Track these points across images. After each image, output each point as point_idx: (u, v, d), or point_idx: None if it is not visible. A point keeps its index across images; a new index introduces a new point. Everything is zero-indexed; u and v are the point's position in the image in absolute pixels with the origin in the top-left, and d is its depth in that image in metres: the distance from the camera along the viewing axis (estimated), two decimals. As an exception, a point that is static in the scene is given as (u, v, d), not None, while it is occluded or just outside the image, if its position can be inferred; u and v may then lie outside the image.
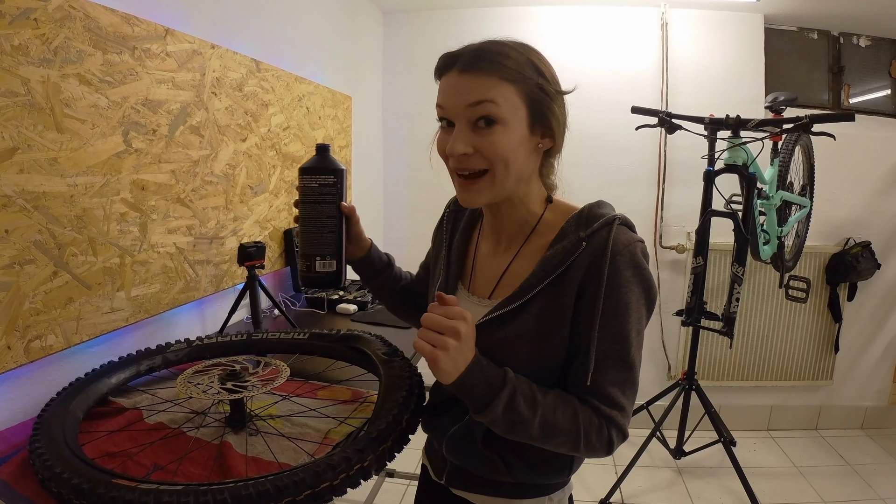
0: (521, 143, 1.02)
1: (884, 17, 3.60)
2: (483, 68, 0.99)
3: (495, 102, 0.98)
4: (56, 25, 1.35)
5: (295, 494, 0.96)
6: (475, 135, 1.01)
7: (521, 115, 1.01)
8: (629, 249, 1.01)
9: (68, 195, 1.41)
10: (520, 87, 1.00)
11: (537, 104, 1.02)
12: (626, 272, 1.00)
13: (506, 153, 1.00)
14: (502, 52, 1.00)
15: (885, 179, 3.85)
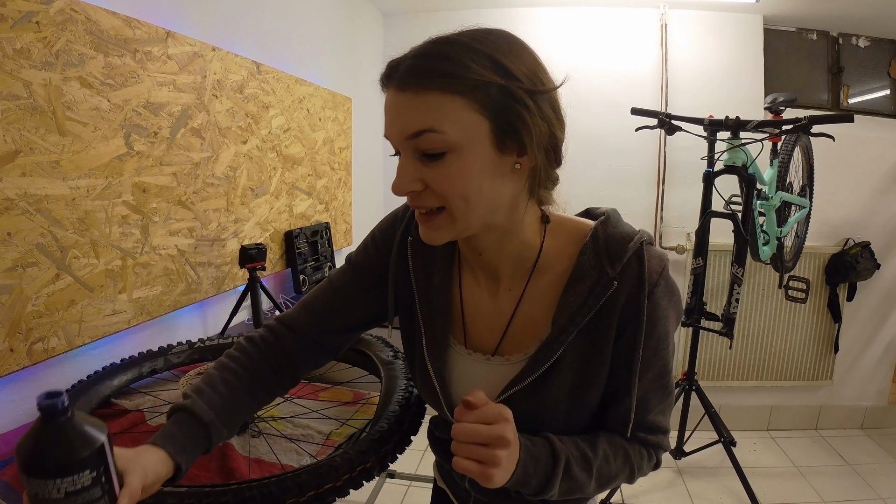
0: (485, 170, 0.80)
1: (883, 17, 3.60)
2: (423, 83, 0.77)
3: (438, 130, 0.77)
4: (58, 28, 1.35)
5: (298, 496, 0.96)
6: (424, 167, 0.80)
7: (482, 134, 0.78)
8: (664, 277, 0.89)
9: (70, 198, 1.42)
10: (477, 98, 0.77)
11: (505, 115, 0.78)
12: (663, 302, 0.89)
13: (462, 187, 0.80)
14: (448, 54, 0.78)
15: (885, 180, 3.85)
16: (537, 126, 0.79)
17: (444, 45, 0.79)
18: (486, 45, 0.79)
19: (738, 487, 3.04)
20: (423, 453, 3.57)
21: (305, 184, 2.76)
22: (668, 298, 0.90)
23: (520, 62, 0.80)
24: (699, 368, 3.79)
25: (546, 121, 0.81)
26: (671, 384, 0.96)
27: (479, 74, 0.76)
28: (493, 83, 0.76)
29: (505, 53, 0.79)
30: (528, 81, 0.79)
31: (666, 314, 0.90)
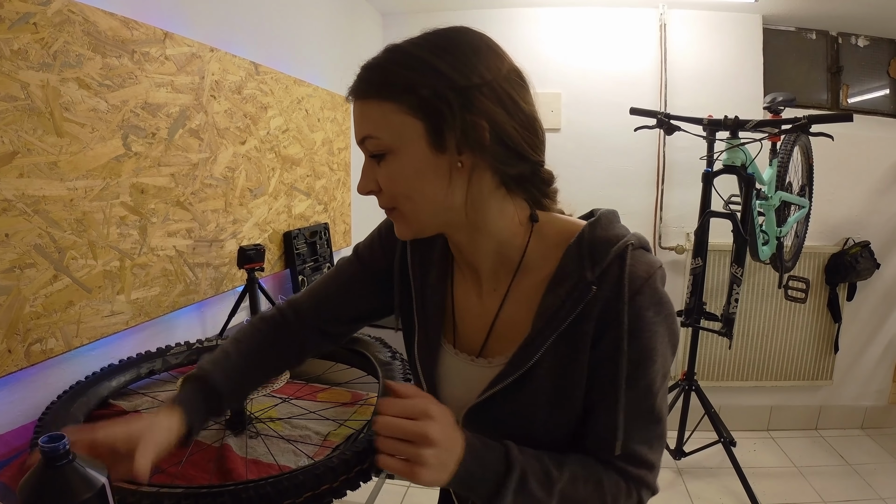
0: (424, 170, 0.82)
1: (882, 17, 3.60)
2: (362, 94, 0.84)
3: (374, 136, 0.82)
4: (55, 29, 1.35)
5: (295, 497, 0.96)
6: (377, 168, 0.85)
7: (416, 136, 0.80)
8: (649, 285, 0.83)
9: (68, 199, 1.42)
10: (407, 102, 0.79)
11: (435, 115, 0.79)
12: (648, 313, 0.82)
13: (401, 187, 0.84)
14: (382, 63, 0.83)
15: (884, 179, 3.85)
16: (470, 124, 0.79)
17: (384, 54, 0.83)
18: (421, 47, 0.81)
19: (738, 488, 3.04)
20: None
21: (304, 184, 2.76)
22: (654, 309, 0.83)
23: (454, 60, 0.79)
24: (699, 368, 3.79)
25: (486, 115, 0.79)
26: (659, 412, 0.87)
27: (408, 79, 0.79)
28: (425, 85, 0.78)
29: (438, 54, 0.80)
30: (460, 78, 0.78)
31: (652, 327, 0.83)
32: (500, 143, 0.81)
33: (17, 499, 0.66)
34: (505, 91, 0.81)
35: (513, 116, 0.81)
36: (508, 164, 0.83)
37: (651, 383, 0.84)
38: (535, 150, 0.85)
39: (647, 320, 0.82)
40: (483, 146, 0.80)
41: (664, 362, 0.85)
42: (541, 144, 0.87)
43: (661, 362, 0.84)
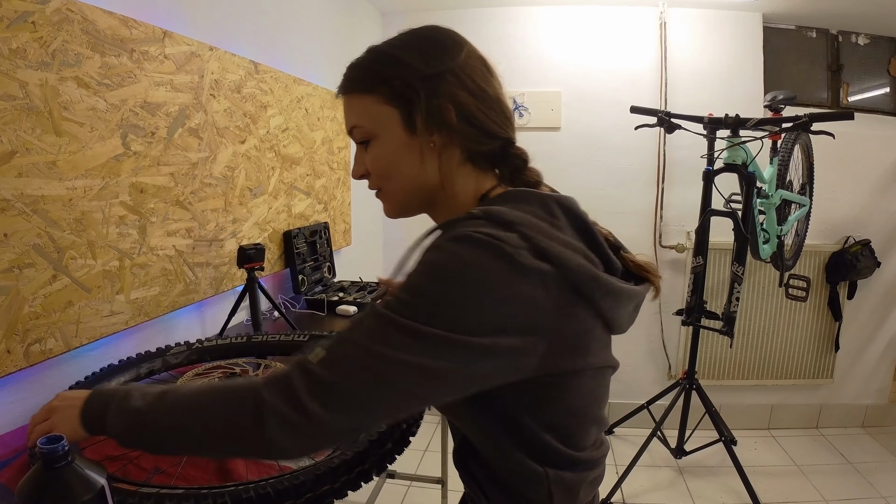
0: (399, 151, 0.91)
1: (882, 15, 3.60)
2: (345, 87, 0.95)
3: (359, 125, 0.93)
4: (54, 28, 1.34)
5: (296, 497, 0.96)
6: (364, 155, 0.95)
7: (393, 122, 0.90)
8: (452, 238, 0.78)
9: (67, 198, 1.41)
10: (382, 92, 0.90)
11: (407, 102, 0.89)
12: (428, 254, 0.79)
13: (383, 168, 0.93)
14: (360, 63, 0.94)
15: (885, 178, 3.84)
16: (436, 107, 0.88)
17: (365, 54, 0.95)
18: (394, 45, 0.93)
19: (739, 486, 3.04)
20: (423, 453, 3.57)
21: (304, 184, 2.76)
22: (433, 252, 0.79)
23: (420, 53, 0.91)
24: (699, 367, 3.79)
25: (451, 98, 0.88)
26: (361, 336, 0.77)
27: (380, 73, 0.91)
28: (395, 77, 0.89)
29: (407, 49, 0.92)
30: (424, 67, 0.89)
31: (419, 266, 0.79)
32: (466, 122, 0.89)
33: (16, 500, 0.66)
34: (468, 76, 0.90)
35: (476, 98, 0.90)
36: (477, 141, 0.91)
37: (383, 314, 0.76)
38: (501, 127, 0.93)
39: (425, 258, 0.79)
40: (450, 126, 0.89)
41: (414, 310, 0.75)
42: (507, 122, 0.95)
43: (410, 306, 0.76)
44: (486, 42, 3.39)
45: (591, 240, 0.88)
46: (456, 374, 0.75)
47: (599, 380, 0.91)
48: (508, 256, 0.75)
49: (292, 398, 0.74)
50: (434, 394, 0.78)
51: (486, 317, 0.74)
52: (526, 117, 3.81)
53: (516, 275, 0.75)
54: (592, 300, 0.81)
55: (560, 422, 0.88)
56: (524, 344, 0.77)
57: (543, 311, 0.77)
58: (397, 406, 0.78)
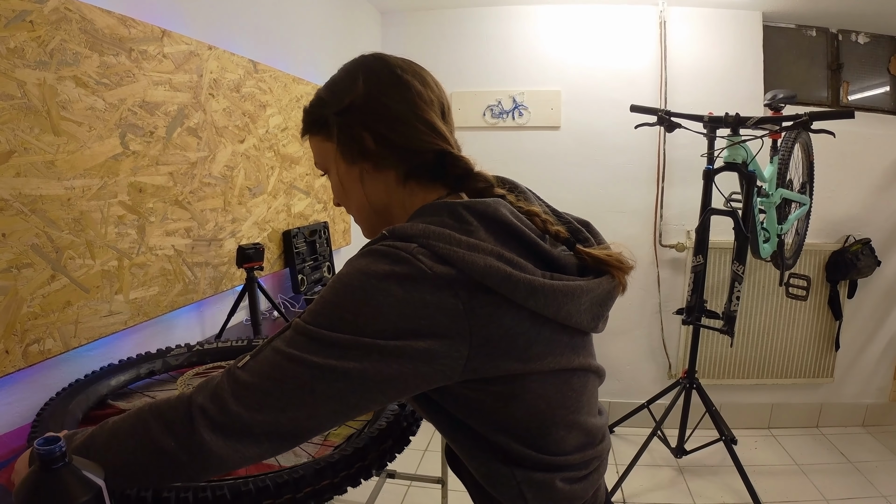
0: (345, 181, 1.00)
1: (882, 13, 3.59)
2: (302, 132, 1.04)
3: (316, 161, 1.04)
4: (52, 28, 1.34)
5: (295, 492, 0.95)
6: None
7: (334, 155, 0.98)
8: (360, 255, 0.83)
9: (65, 198, 1.41)
10: (321, 132, 0.99)
11: (335, 135, 0.97)
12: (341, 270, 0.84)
13: (338, 196, 1.04)
14: (305, 108, 1.02)
15: (885, 176, 3.84)
16: (351, 137, 0.94)
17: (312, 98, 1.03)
18: (326, 84, 1.01)
19: (740, 485, 3.04)
20: (423, 453, 3.57)
21: (303, 183, 2.76)
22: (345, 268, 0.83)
23: (333, 89, 0.98)
24: (700, 366, 3.79)
25: (363, 126, 0.93)
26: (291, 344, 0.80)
27: (314, 114, 1.00)
28: (324, 116, 0.97)
29: (326, 88, 1.00)
30: (337, 103, 0.95)
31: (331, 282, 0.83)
32: (384, 145, 0.94)
33: (14, 502, 0.66)
34: (375, 100, 0.94)
35: (387, 120, 0.93)
36: (404, 159, 0.95)
37: (295, 325, 0.82)
38: (426, 141, 0.94)
39: (336, 274, 0.84)
40: (371, 151, 0.94)
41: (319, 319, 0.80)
42: (434, 134, 0.94)
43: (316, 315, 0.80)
44: (486, 41, 3.40)
45: (519, 240, 0.87)
46: (366, 376, 0.77)
47: (564, 384, 0.91)
48: (406, 262, 0.78)
49: (217, 399, 0.77)
50: (350, 397, 0.79)
51: (389, 321, 0.77)
52: (525, 116, 3.81)
53: (416, 280, 0.77)
54: (515, 300, 0.81)
55: (514, 424, 0.88)
56: (440, 347, 0.78)
57: (454, 314, 0.78)
58: (318, 409, 0.79)
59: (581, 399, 0.94)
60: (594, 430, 0.97)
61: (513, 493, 0.90)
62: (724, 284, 3.72)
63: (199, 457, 0.76)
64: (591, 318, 0.91)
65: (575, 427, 0.93)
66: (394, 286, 0.77)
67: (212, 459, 0.76)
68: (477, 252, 0.80)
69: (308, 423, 0.79)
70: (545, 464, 0.90)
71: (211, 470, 0.78)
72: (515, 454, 0.89)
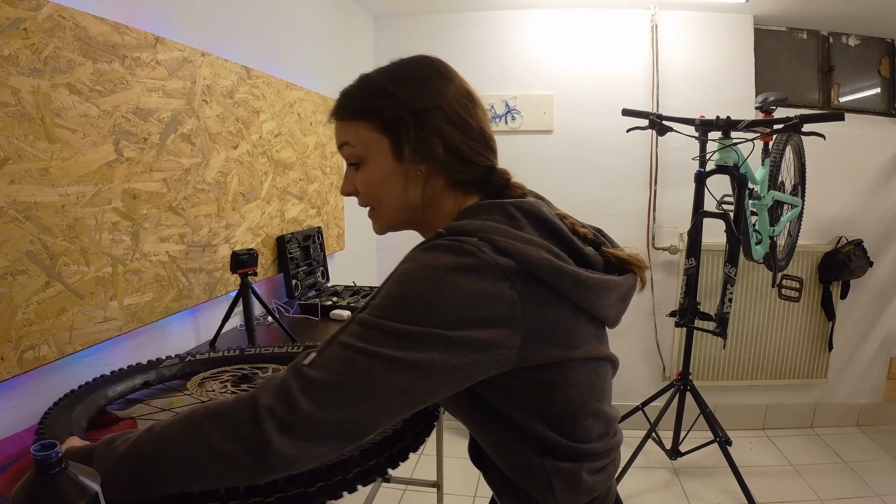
0: (388, 176, 0.99)
1: (872, 16, 3.61)
2: (339, 113, 1.02)
3: (350, 144, 1.00)
4: (46, 35, 1.35)
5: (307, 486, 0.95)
6: (355, 174, 1.03)
7: (383, 148, 0.97)
8: (422, 249, 0.88)
9: (60, 205, 1.41)
10: (373, 121, 0.97)
11: (397, 132, 0.96)
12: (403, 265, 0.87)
13: (371, 190, 1.02)
14: (354, 92, 1.01)
15: (876, 177, 3.86)
16: (423, 139, 0.95)
17: (358, 82, 1.02)
18: (386, 77, 1.00)
19: (735, 487, 3.05)
20: (418, 457, 3.57)
21: (297, 188, 2.76)
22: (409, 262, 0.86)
23: (411, 87, 0.97)
24: (694, 368, 3.80)
25: (436, 133, 0.96)
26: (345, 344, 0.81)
27: (374, 103, 0.97)
28: (387, 108, 0.96)
29: (397, 82, 0.98)
30: (414, 102, 0.96)
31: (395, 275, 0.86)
32: (451, 154, 0.97)
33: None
34: (454, 111, 0.97)
35: (461, 132, 0.97)
36: (461, 171, 0.99)
37: (361, 319, 0.83)
38: (484, 156, 1.00)
39: (397, 269, 0.87)
40: (437, 157, 0.96)
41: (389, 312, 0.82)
42: (489, 151, 1.02)
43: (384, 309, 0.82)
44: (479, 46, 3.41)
45: (559, 237, 0.94)
46: (434, 367, 0.79)
47: (592, 373, 0.96)
48: (471, 254, 0.82)
49: (286, 398, 0.76)
50: (417, 390, 0.81)
51: (457, 312, 0.80)
52: (518, 120, 3.82)
53: (479, 271, 0.82)
54: (561, 291, 0.87)
55: (551, 412, 0.93)
56: (499, 336, 0.82)
57: (511, 304, 0.83)
58: (387, 403, 0.80)
59: (604, 388, 1.01)
60: (612, 420, 1.04)
61: (542, 485, 0.94)
62: (717, 286, 3.73)
63: (265, 461, 0.76)
64: (616, 312, 0.99)
65: (599, 416, 0.99)
66: (460, 277, 0.81)
67: (278, 463, 0.76)
68: (530, 245, 0.86)
69: (377, 417, 0.81)
70: (573, 452, 0.95)
71: (275, 473, 0.79)
72: (548, 443, 0.93)
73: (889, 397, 4.13)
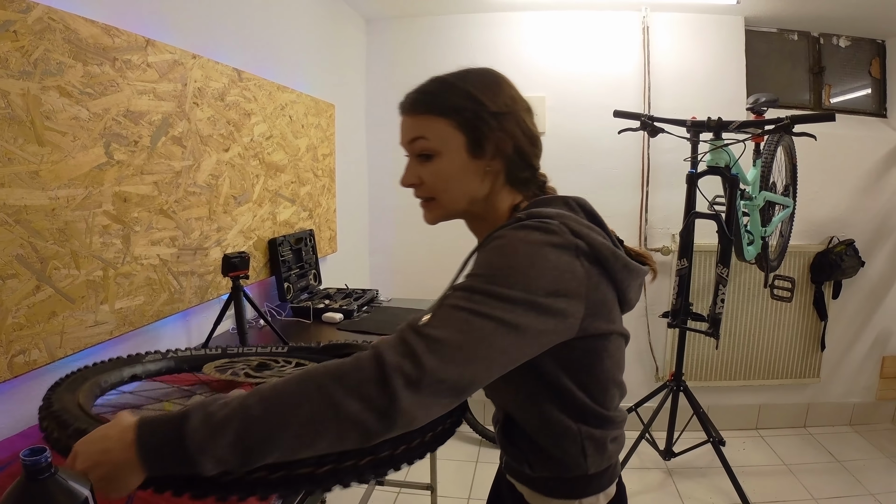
0: (462, 170, 1.08)
1: (863, 17, 3.63)
2: (417, 109, 1.09)
3: (426, 138, 1.07)
4: (36, 37, 1.34)
5: (393, 449, 0.97)
6: (421, 167, 1.10)
7: (457, 145, 1.06)
8: (516, 224, 0.98)
9: (50, 208, 1.40)
10: (453, 119, 1.06)
11: (475, 131, 1.05)
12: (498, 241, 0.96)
13: (443, 182, 1.09)
14: (433, 90, 1.09)
15: (867, 178, 3.88)
16: (500, 139, 1.06)
17: (433, 82, 1.11)
18: (464, 80, 1.09)
19: (729, 487, 3.05)
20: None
21: (289, 191, 2.76)
22: (506, 237, 0.96)
23: (490, 92, 1.08)
24: (686, 369, 3.81)
25: (509, 135, 1.07)
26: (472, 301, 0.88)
27: (454, 102, 1.06)
28: (467, 109, 1.05)
29: (477, 87, 1.08)
30: (493, 106, 1.06)
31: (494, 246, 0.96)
32: (517, 154, 1.09)
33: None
34: (520, 116, 1.10)
35: (526, 136, 1.10)
36: (520, 169, 1.11)
37: (467, 285, 0.92)
38: (537, 159, 1.14)
39: (492, 241, 0.98)
40: (508, 156, 1.08)
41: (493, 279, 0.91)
42: (540, 154, 1.15)
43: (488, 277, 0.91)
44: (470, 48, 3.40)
45: (603, 228, 1.09)
46: (530, 330, 0.89)
47: (619, 347, 1.09)
48: (556, 233, 0.95)
49: (412, 356, 0.82)
50: (515, 351, 0.90)
51: (546, 281, 0.91)
52: (511, 122, 3.81)
53: (561, 248, 0.94)
54: (613, 272, 1.01)
55: (590, 382, 1.05)
56: (571, 307, 0.94)
57: (581, 280, 0.95)
58: (493, 362, 0.88)
59: (623, 360, 1.12)
60: (625, 392, 1.15)
61: (576, 451, 1.06)
62: (710, 287, 3.74)
63: (390, 417, 0.80)
64: (636, 297, 1.13)
65: (620, 386, 1.12)
66: (549, 251, 0.93)
67: (402, 420, 0.81)
68: (592, 231, 1.00)
69: (482, 376, 0.88)
70: (602, 420, 1.07)
71: (395, 430, 0.82)
72: (586, 411, 1.05)
73: (882, 396, 4.14)
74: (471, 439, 3.82)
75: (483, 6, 3.74)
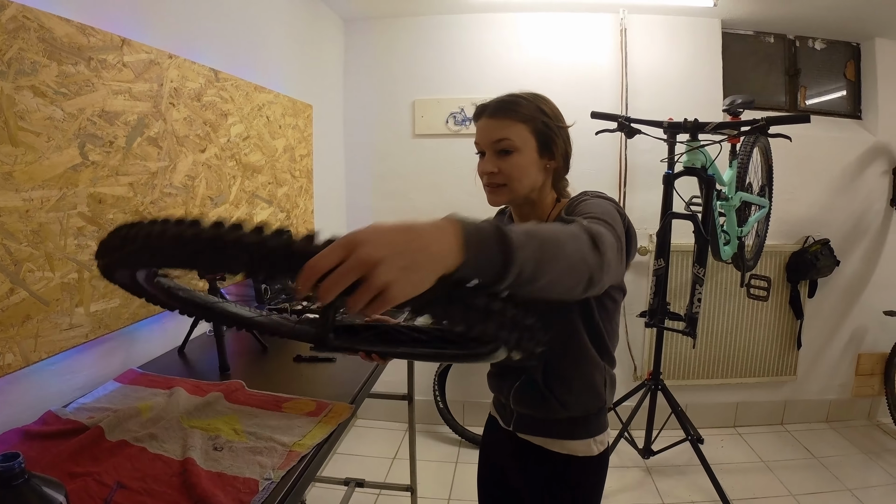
0: (531, 165, 1.42)
1: (838, 20, 3.68)
2: (503, 114, 1.42)
3: (510, 138, 1.40)
4: (9, 37, 1.32)
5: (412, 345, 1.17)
6: (499, 160, 1.42)
7: (531, 146, 1.42)
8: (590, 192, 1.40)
9: (24, 210, 1.39)
10: (530, 126, 1.41)
11: (543, 137, 1.43)
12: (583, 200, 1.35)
13: (518, 172, 1.41)
14: (517, 101, 1.43)
15: (842, 178, 3.93)
16: (558, 146, 1.45)
17: (515, 97, 1.45)
18: (536, 99, 1.46)
19: (707, 484, 3.08)
20: (391, 461, 3.56)
21: (266, 192, 2.74)
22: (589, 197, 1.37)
23: (552, 110, 1.47)
24: (664, 368, 3.83)
25: (564, 144, 1.48)
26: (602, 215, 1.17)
27: (533, 113, 1.42)
28: (539, 119, 1.42)
29: (546, 104, 1.47)
30: (555, 120, 1.45)
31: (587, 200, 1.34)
32: (564, 159, 1.50)
33: None
34: (567, 133, 1.50)
35: (568, 147, 1.51)
36: (563, 171, 1.52)
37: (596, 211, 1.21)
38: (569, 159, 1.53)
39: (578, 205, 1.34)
40: (558, 156, 1.47)
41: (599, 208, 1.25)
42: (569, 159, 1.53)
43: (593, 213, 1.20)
44: (449, 49, 3.40)
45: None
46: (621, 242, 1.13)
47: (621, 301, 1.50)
48: (616, 202, 1.34)
49: (609, 232, 1.06)
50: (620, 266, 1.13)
51: (620, 227, 1.17)
52: (490, 123, 3.81)
53: (618, 210, 1.29)
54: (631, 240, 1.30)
55: (609, 328, 1.46)
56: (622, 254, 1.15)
57: (624, 236, 1.18)
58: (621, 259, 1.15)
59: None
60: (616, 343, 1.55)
61: (601, 386, 1.48)
62: (687, 287, 3.76)
63: (601, 266, 0.97)
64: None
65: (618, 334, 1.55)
66: (614, 209, 1.27)
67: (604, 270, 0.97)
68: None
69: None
70: (612, 360, 1.51)
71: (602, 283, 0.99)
72: (609, 353, 1.49)
73: (857, 393, 4.20)
74: (450, 440, 3.82)
75: (461, 7, 3.74)
